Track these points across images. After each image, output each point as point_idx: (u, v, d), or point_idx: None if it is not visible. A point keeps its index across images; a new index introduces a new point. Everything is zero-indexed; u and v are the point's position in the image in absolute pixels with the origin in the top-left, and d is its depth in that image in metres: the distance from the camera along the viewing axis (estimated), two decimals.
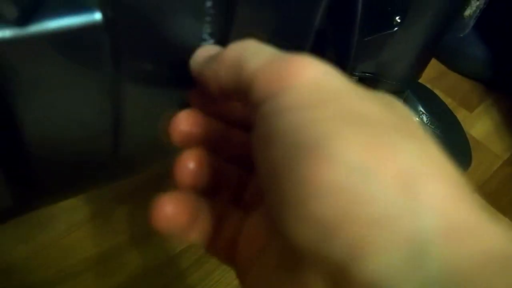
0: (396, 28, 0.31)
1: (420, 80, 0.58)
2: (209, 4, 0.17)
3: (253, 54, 0.15)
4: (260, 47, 0.15)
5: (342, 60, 0.25)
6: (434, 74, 0.59)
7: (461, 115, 0.55)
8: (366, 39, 0.30)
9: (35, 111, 0.16)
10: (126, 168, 0.23)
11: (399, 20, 0.31)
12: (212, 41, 0.19)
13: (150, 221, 0.16)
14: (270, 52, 0.15)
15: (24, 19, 0.13)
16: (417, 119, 0.41)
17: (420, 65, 0.37)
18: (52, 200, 0.22)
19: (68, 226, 0.39)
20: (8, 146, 0.17)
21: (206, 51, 0.18)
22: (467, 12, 0.39)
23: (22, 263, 0.37)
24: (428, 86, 0.58)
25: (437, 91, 0.57)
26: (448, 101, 0.56)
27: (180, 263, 0.39)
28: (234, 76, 0.15)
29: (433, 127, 0.40)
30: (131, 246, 0.39)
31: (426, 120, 0.40)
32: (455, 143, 0.42)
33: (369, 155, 0.11)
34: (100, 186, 0.27)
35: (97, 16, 0.15)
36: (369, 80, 0.36)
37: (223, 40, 0.19)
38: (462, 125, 0.54)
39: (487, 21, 0.59)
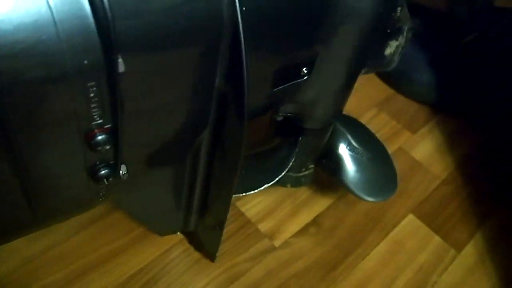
0: (305, 78, 0.35)
1: (368, 103, 0.62)
2: (92, 94, 0.21)
3: None
4: None
5: (239, 117, 0.29)
6: (382, 97, 0.63)
7: (404, 137, 0.58)
8: (275, 89, 0.34)
9: None
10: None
11: (306, 71, 0.34)
12: (101, 120, 0.22)
13: None
14: None
15: None
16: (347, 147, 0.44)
17: (340, 102, 0.40)
18: None
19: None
20: None
21: None
22: (388, 51, 0.42)
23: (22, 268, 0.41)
24: (376, 109, 0.61)
25: (384, 114, 0.61)
26: (392, 124, 0.60)
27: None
28: None
29: (360, 155, 0.44)
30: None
31: (354, 149, 0.44)
32: (382, 171, 0.45)
33: None
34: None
35: None
36: (293, 119, 0.40)
37: (114, 120, 0.23)
38: (404, 147, 0.58)
39: (431, 46, 0.64)
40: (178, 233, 0.45)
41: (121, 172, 0.26)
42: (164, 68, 0.24)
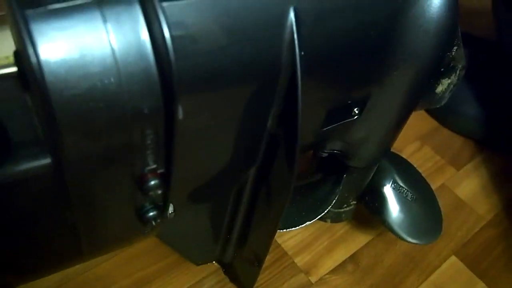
0: (355, 117, 0.34)
1: (410, 135, 0.60)
2: (149, 141, 0.21)
3: None
4: None
5: (289, 161, 0.28)
6: (426, 130, 0.61)
7: (448, 173, 0.56)
8: (324, 129, 0.33)
9: None
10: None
11: (357, 111, 0.33)
12: (155, 166, 0.22)
13: None
14: None
15: None
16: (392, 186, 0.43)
17: (389, 141, 0.39)
18: None
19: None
20: None
21: None
22: (439, 89, 0.41)
23: None
24: (419, 142, 0.60)
25: (427, 148, 0.59)
26: (436, 158, 0.58)
27: None
28: None
29: (405, 195, 0.42)
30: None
31: (399, 188, 0.42)
32: (427, 213, 0.43)
33: None
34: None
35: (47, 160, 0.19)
36: (338, 157, 0.39)
37: (168, 165, 0.22)
38: (448, 184, 0.55)
39: (479, 78, 0.61)
40: (214, 262, 0.44)
41: (168, 212, 0.26)
42: (219, 111, 0.24)
